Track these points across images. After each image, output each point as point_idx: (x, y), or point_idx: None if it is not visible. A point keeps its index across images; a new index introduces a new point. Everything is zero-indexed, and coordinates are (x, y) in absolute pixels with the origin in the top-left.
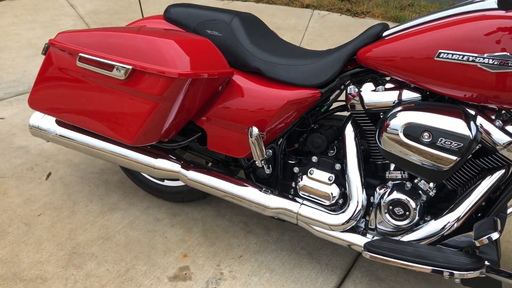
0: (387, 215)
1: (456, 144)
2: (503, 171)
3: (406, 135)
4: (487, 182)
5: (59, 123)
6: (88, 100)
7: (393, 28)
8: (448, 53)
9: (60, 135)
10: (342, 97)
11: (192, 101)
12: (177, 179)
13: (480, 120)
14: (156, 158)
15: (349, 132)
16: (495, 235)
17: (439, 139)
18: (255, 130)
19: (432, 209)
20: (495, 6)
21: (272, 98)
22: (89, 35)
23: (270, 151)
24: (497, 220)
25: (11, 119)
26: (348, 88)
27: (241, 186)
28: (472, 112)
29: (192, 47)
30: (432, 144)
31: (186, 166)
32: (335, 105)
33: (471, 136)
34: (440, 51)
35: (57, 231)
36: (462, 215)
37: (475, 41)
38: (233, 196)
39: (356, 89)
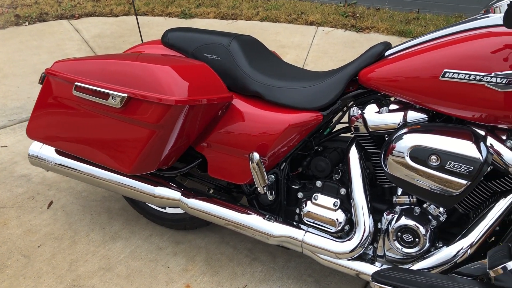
0: (395, 242)
1: (466, 168)
2: None
3: (412, 158)
4: (501, 205)
5: (58, 152)
6: (86, 129)
7: (396, 47)
8: (453, 73)
9: (59, 164)
10: (346, 118)
11: (191, 127)
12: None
13: (490, 141)
14: (156, 186)
15: (354, 155)
16: (510, 265)
17: (448, 163)
18: (256, 155)
19: (444, 234)
20: (501, 22)
21: (273, 122)
22: (85, 63)
23: (273, 176)
24: (510, 247)
25: (14, 146)
26: (351, 110)
27: (244, 213)
28: (482, 133)
29: (189, 73)
30: (440, 168)
31: (187, 193)
32: (339, 126)
33: (481, 158)
34: (445, 70)
35: (57, 263)
36: (475, 241)
37: (482, 59)
38: (235, 224)
39: (359, 111)
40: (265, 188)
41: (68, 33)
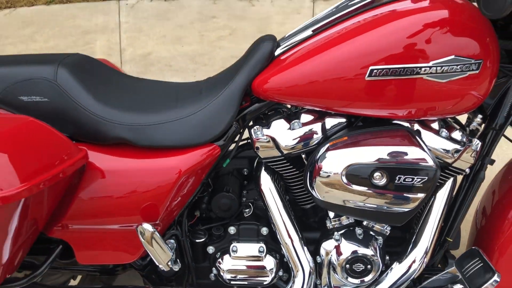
0: (346, 276)
1: (419, 179)
2: (451, 180)
3: (350, 179)
4: (442, 200)
5: None
6: None
7: (285, 42)
8: (382, 69)
9: None
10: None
11: (36, 213)
12: None
13: (426, 135)
14: None
15: (266, 183)
16: (496, 278)
17: (397, 178)
18: (147, 227)
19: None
20: None
21: (158, 175)
22: None
23: (173, 241)
24: (479, 252)
25: None
26: (253, 131)
27: None
28: (416, 129)
29: (11, 142)
30: (388, 185)
31: None
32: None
33: (434, 164)
34: (371, 68)
35: None
36: (428, 247)
37: (414, 47)
38: None
39: (265, 131)
40: (169, 263)
41: None
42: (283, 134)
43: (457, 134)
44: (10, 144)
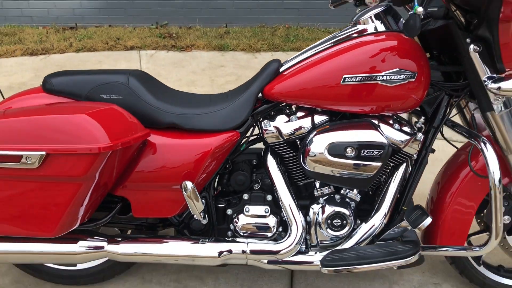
0: (328, 230)
1: (377, 152)
2: (404, 164)
3: (331, 154)
4: (397, 178)
5: None
6: None
7: (286, 63)
8: (352, 77)
9: None
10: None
11: (111, 172)
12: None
13: (383, 127)
14: (76, 242)
15: (271, 162)
16: (429, 220)
17: (362, 151)
18: (189, 184)
19: (358, 212)
20: (370, 31)
21: (197, 149)
22: None
23: (203, 201)
24: (421, 207)
25: None
26: (263, 123)
27: (182, 245)
28: (375, 122)
29: (104, 117)
30: (356, 157)
31: (113, 241)
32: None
33: (386, 142)
34: (344, 76)
35: None
36: (387, 211)
37: (371, 63)
38: (178, 257)
39: (272, 123)
40: (201, 214)
41: None
42: (284, 125)
43: (406, 128)
44: (102, 118)
